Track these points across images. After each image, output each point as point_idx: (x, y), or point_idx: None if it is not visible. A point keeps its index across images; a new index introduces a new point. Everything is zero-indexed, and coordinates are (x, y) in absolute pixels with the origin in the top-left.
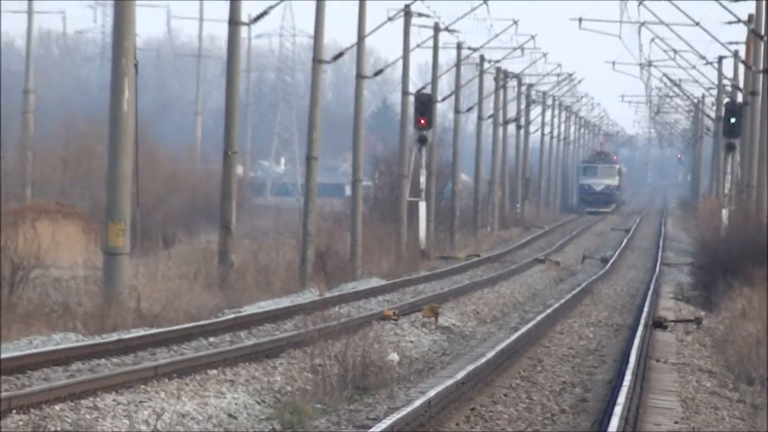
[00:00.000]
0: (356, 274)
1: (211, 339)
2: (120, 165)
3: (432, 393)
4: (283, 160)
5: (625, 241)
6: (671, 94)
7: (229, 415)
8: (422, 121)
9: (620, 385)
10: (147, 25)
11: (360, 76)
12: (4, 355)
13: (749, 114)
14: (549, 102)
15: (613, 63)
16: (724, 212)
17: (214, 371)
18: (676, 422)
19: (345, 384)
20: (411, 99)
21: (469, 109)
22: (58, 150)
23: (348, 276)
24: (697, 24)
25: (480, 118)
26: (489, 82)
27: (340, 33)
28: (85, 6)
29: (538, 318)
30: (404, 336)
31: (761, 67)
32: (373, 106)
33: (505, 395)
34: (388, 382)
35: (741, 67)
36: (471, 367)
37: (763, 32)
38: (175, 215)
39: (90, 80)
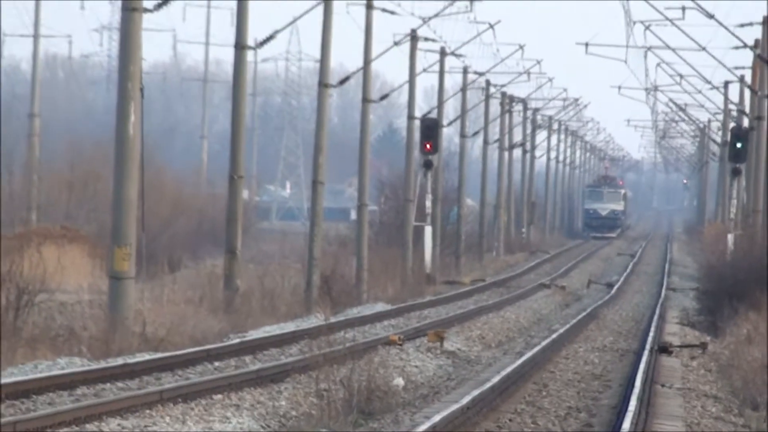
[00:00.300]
0: (362, 299)
1: (217, 363)
2: (126, 189)
3: (437, 418)
4: (288, 185)
5: (630, 266)
6: (677, 118)
7: None
8: (428, 146)
9: (625, 410)
10: (153, 50)
11: (366, 100)
12: (9, 380)
13: (755, 139)
14: (555, 126)
15: (619, 87)
16: (730, 237)
17: (219, 396)
18: None
19: (350, 409)
20: (417, 123)
21: (475, 134)
22: (63, 173)
23: (353, 300)
24: (704, 49)
25: (486, 142)
26: (495, 107)
27: (346, 57)
28: (91, 30)
29: (544, 343)
30: (409, 361)
31: (767, 92)
32: (379, 130)
33: (510, 420)
34: (393, 407)
35: (747, 92)
36: (476, 392)
37: None
38: (180, 239)
39: (96, 104)
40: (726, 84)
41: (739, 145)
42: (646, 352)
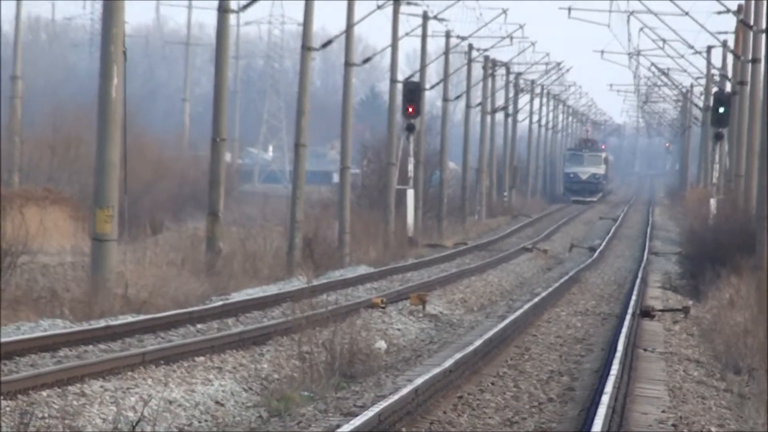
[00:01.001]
0: (344, 262)
1: (199, 326)
2: (108, 151)
3: (419, 381)
4: (271, 148)
5: (612, 230)
6: (660, 83)
7: (217, 402)
8: (410, 109)
9: (607, 374)
10: (136, 13)
11: (349, 64)
12: None
13: (738, 104)
14: (537, 91)
15: (602, 52)
16: (712, 202)
17: (202, 358)
18: (663, 411)
19: (332, 372)
20: (399, 87)
21: (458, 98)
22: (46, 136)
23: (336, 263)
24: (686, 14)
25: (468, 106)
26: (477, 71)
27: (329, 20)
28: None
29: (526, 306)
30: (392, 324)
31: (750, 57)
32: (362, 94)
33: (492, 384)
34: (376, 370)
35: (730, 57)
36: (458, 356)
37: (752, 22)
38: (162, 202)
39: (79, 66)
40: (709, 49)
41: (721, 109)
42: (628, 316)
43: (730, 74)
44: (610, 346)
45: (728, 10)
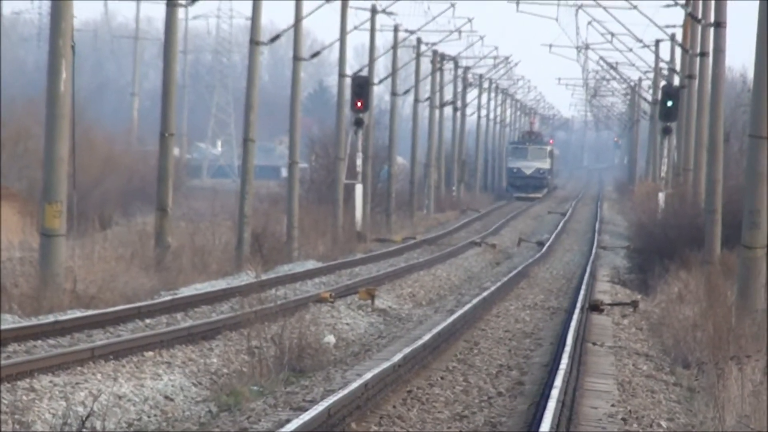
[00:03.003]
0: (292, 257)
1: (148, 321)
2: (57, 146)
3: (369, 375)
4: (219, 143)
5: (561, 224)
6: (608, 77)
7: (166, 397)
8: (359, 104)
9: (557, 368)
10: (84, 7)
11: (297, 58)
12: None
13: (686, 97)
14: (486, 85)
15: (550, 46)
16: (661, 195)
17: (151, 353)
18: (612, 405)
19: (281, 366)
20: (348, 81)
21: (406, 92)
22: None
23: (284, 258)
24: (635, 7)
25: (416, 100)
26: (426, 65)
27: (277, 14)
28: None
29: (474, 301)
30: (341, 318)
31: (698, 50)
32: (310, 88)
33: (441, 378)
34: (325, 365)
35: (678, 51)
36: (407, 350)
37: (700, 15)
38: (111, 197)
39: (27, 61)
40: (657, 42)
41: (669, 103)
42: (577, 311)
43: (678, 68)
44: (559, 341)
45: (676, 3)
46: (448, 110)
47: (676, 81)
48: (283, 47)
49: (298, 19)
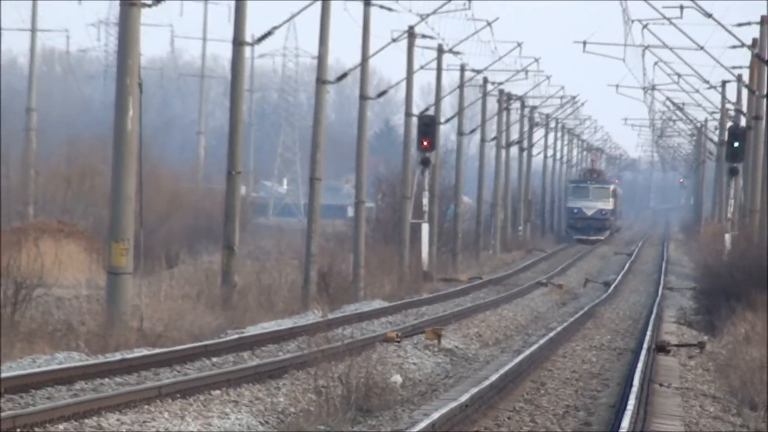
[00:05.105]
0: (359, 296)
1: (215, 359)
2: (124, 184)
3: (436, 415)
4: (285, 181)
5: (627, 264)
6: (674, 117)
7: None
8: (425, 143)
9: (624, 409)
10: (151, 45)
11: (363, 97)
12: (8, 374)
13: (752, 138)
14: (552, 125)
15: (617, 86)
16: (727, 237)
17: (218, 391)
18: None
19: (348, 405)
20: (414, 120)
21: (472, 131)
22: (60, 168)
23: (350, 297)
24: (701, 48)
25: (483, 140)
26: (492, 104)
27: (343, 53)
28: (89, 25)
29: (541, 341)
30: (407, 358)
31: (765, 91)
32: (376, 127)
33: (508, 418)
34: (392, 404)
35: (744, 92)
36: (474, 390)
37: (766, 56)
38: (177, 235)
39: (93, 98)
40: (723, 83)
41: (736, 144)
42: (643, 351)
43: (744, 109)
44: (626, 381)
45: (743, 45)
46: (514, 150)
47: (743, 122)
48: (350, 86)
49: (364, 58)
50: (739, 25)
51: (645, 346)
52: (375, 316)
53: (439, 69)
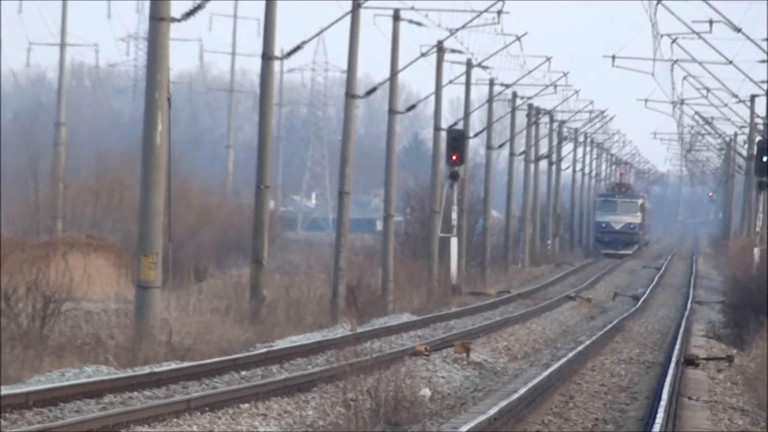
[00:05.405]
0: (387, 309)
1: (243, 373)
2: (152, 198)
3: (464, 429)
4: (314, 195)
5: (656, 278)
6: (703, 132)
7: None
8: (454, 157)
9: (653, 422)
10: (180, 59)
11: (392, 112)
12: (37, 387)
13: None
14: (581, 139)
15: (646, 100)
16: (756, 251)
17: (247, 405)
18: None
19: (377, 419)
20: (443, 135)
21: (501, 146)
22: (89, 182)
23: (379, 311)
24: (730, 62)
25: (512, 154)
26: (521, 119)
27: (372, 68)
28: (118, 39)
29: (570, 355)
30: (436, 371)
31: None
32: (405, 141)
33: (537, 431)
34: (421, 418)
35: None
36: (503, 403)
37: None
38: (206, 249)
39: (122, 113)
40: (752, 97)
41: (765, 158)
42: (672, 365)
43: None
44: (654, 395)
45: None
46: (543, 164)
47: None
48: (379, 100)
49: (393, 72)
50: None
51: (673, 359)
52: (404, 329)
53: (468, 83)
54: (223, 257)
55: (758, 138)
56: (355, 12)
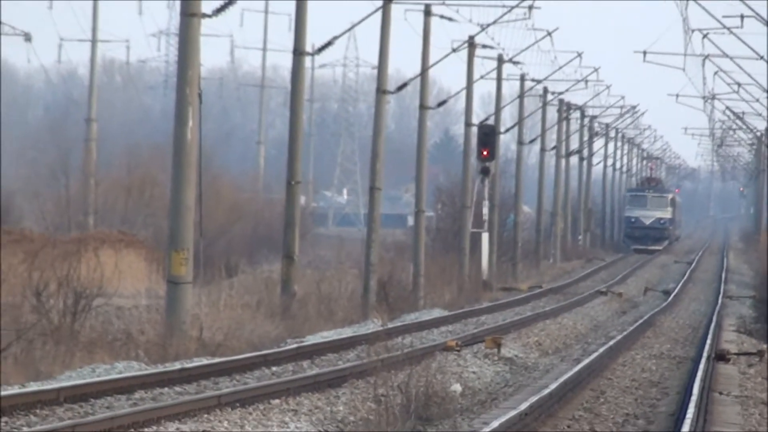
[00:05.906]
0: (418, 305)
1: (274, 368)
2: (183, 194)
3: (495, 424)
4: (345, 191)
5: (687, 273)
6: (734, 127)
7: None
8: (485, 153)
9: (683, 417)
10: (211, 55)
11: (423, 107)
12: (68, 383)
13: None
14: (612, 134)
15: (677, 95)
16: None
17: (277, 401)
18: None
19: (408, 414)
20: (474, 130)
21: (532, 141)
22: (120, 178)
23: (410, 306)
24: (762, 58)
25: (543, 149)
26: (552, 114)
27: (403, 63)
28: (149, 35)
29: (601, 350)
30: (467, 367)
31: None
32: (436, 137)
33: (568, 426)
34: (451, 413)
35: None
36: (534, 399)
37: None
38: (237, 244)
39: (153, 108)
40: None
41: None
42: (703, 360)
43: None
44: (685, 390)
45: None
46: (574, 159)
47: None
48: (410, 96)
49: (424, 68)
50: None
51: (704, 354)
52: (435, 325)
53: (499, 79)
54: (254, 253)
55: None
56: (386, 7)
